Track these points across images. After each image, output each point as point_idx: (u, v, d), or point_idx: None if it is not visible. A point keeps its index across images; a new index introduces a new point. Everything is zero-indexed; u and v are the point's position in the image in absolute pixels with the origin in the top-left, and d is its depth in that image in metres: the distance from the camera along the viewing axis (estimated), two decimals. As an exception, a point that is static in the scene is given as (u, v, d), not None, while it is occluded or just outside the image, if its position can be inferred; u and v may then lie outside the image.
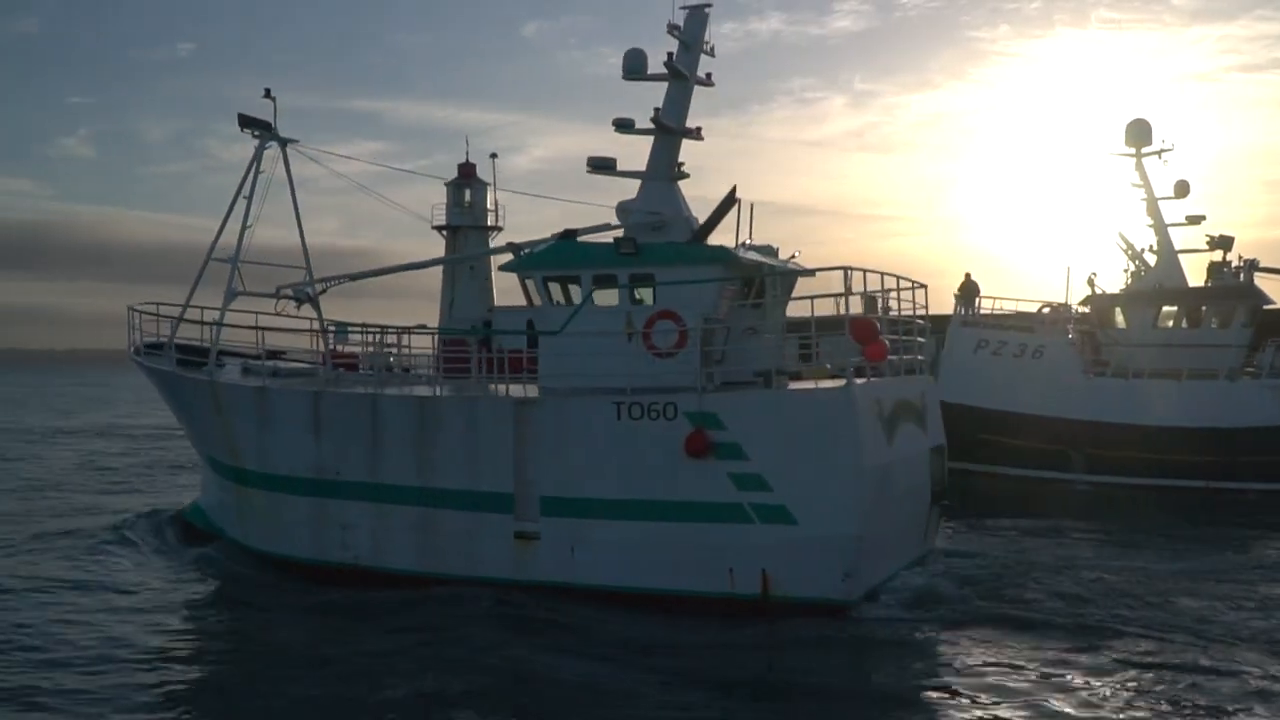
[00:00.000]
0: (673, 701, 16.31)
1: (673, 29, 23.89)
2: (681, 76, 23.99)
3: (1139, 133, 42.49)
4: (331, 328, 26.62)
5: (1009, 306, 43.53)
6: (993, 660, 17.87)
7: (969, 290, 43.16)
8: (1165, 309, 40.94)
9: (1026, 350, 40.46)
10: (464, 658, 18.21)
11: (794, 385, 21.49)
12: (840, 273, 21.61)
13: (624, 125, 24.62)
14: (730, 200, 22.98)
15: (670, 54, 23.80)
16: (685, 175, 24.54)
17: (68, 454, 54.79)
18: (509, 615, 20.34)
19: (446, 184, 59.04)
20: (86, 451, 56.17)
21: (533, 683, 17.18)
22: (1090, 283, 42.54)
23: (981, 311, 42.90)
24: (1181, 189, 42.26)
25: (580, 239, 23.89)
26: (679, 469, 20.40)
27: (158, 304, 27.48)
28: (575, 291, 22.80)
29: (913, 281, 23.78)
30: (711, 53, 24.69)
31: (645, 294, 22.40)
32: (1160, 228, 42.12)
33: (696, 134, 25.04)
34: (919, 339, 24.20)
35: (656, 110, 23.93)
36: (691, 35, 24.12)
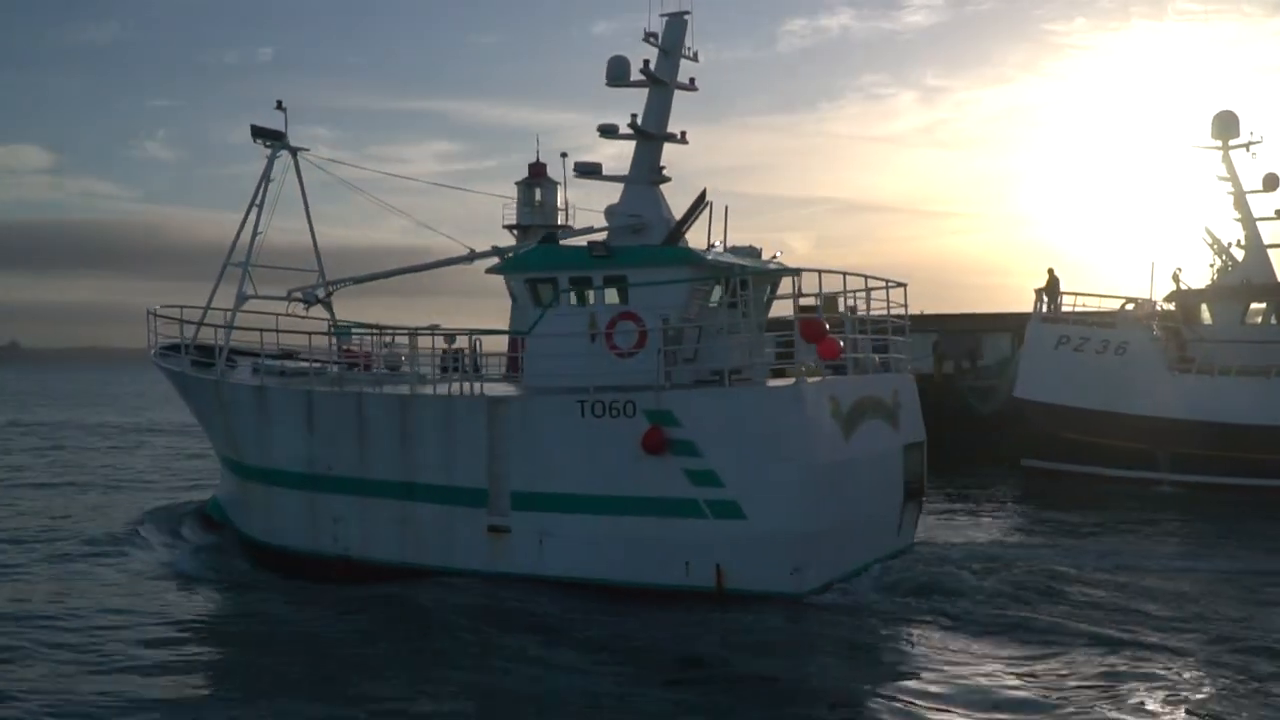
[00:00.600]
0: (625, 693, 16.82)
1: (649, 37, 24.52)
2: (661, 83, 24.61)
3: (1226, 125, 41.50)
4: (335, 329, 27.70)
5: (1091, 303, 42.71)
6: (939, 656, 18.04)
7: (1052, 286, 42.48)
8: (1253, 305, 40.08)
9: (1109, 347, 39.80)
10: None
11: (772, 384, 21.91)
12: (838, 273, 22.38)
13: (608, 131, 25.33)
14: (700, 202, 23.59)
15: (647, 61, 24.44)
16: (667, 179, 25.15)
17: (151, 451, 57.16)
18: (476, 607, 21.21)
19: (517, 183, 60.18)
20: (166, 448, 58.51)
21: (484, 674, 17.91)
22: (1175, 278, 41.79)
23: (1063, 308, 42.12)
24: (1270, 182, 41.29)
25: (562, 242, 24.69)
26: (638, 465, 21.04)
27: (181, 307, 28.78)
28: (564, 294, 23.58)
29: (886, 281, 24.12)
30: (695, 58, 25.29)
31: (619, 295, 23.12)
32: (1248, 221, 41.21)
33: (680, 138, 25.68)
34: (896, 338, 24.52)
35: (634, 116, 24.60)
36: (670, 42, 24.73)
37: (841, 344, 21.75)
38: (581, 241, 24.52)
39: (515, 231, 60.76)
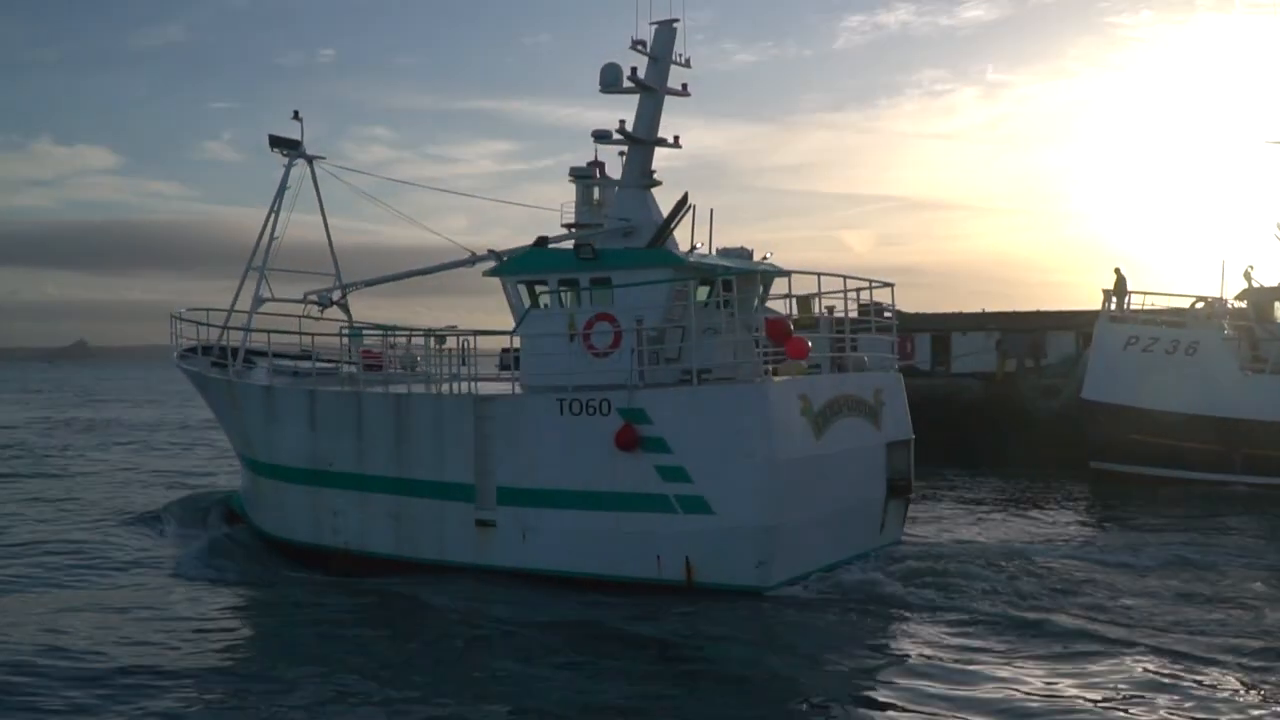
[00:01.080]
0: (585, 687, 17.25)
1: (637, 45, 25.15)
2: (650, 90, 25.26)
3: None
4: (345, 331, 28.72)
5: (1160, 303, 41.81)
6: (899, 646, 18.50)
7: (1119, 286, 41.83)
8: None
9: (1179, 346, 39.02)
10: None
11: (740, 382, 22.44)
12: (820, 274, 22.86)
13: (602, 136, 26.05)
14: (683, 205, 24.20)
15: (634, 68, 25.09)
16: (658, 183, 25.79)
17: (209, 449, 58.85)
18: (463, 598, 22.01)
19: (573, 181, 61.25)
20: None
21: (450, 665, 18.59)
22: (1247, 276, 40.87)
23: (1131, 307, 41.45)
24: None
25: (551, 245, 25.43)
26: (612, 461, 21.73)
27: (207, 310, 29.97)
28: (547, 295, 24.35)
29: (870, 281, 24.58)
30: (686, 64, 25.91)
31: (602, 295, 23.79)
32: None
33: (674, 143, 26.34)
34: (883, 337, 24.93)
35: (621, 122, 25.29)
36: (660, 50, 25.35)
37: (810, 344, 22.25)
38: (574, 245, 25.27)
39: (574, 230, 61.74)
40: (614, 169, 60.79)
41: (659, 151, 25.59)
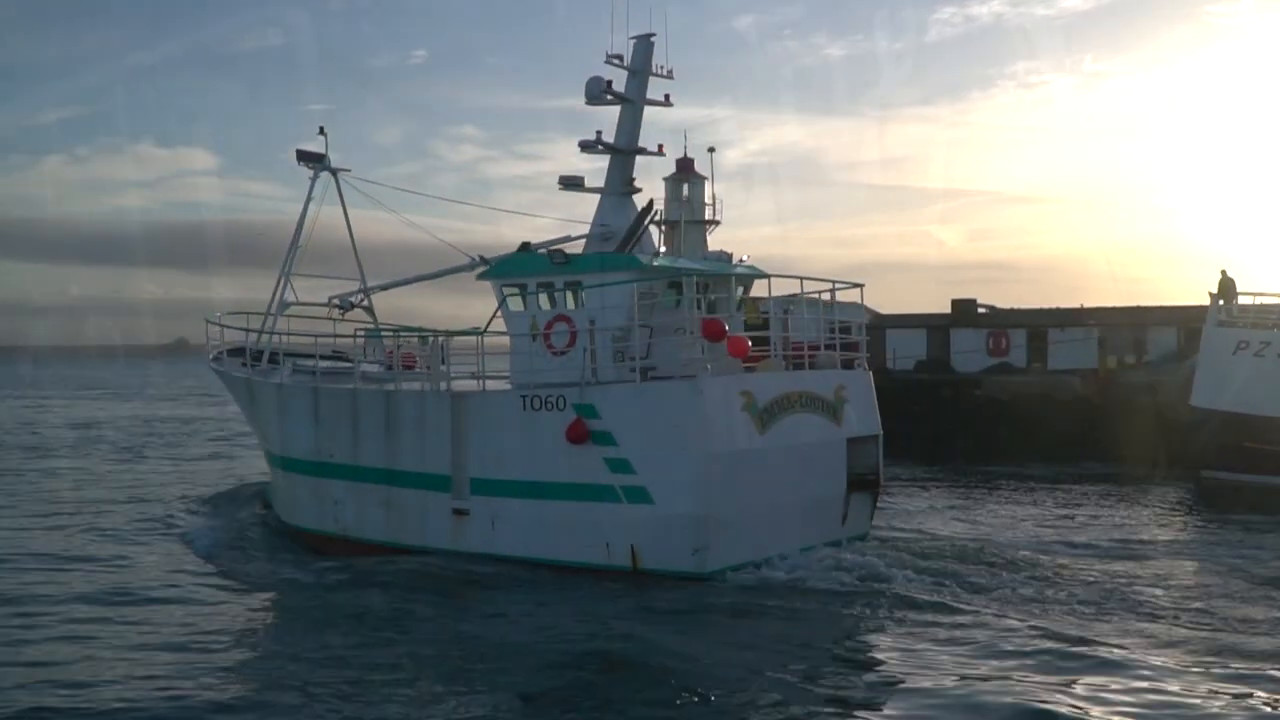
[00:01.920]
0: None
1: (612, 59, 26.43)
2: (629, 101, 26.56)
3: None
4: (361, 333, 30.63)
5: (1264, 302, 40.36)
6: (820, 635, 19.27)
7: (1226, 288, 40.75)
8: None
9: None
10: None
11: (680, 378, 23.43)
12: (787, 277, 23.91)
13: (588, 146, 27.44)
14: (647, 212, 25.48)
15: (609, 82, 26.37)
16: (637, 189, 27.10)
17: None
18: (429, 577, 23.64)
19: (665, 179, 62.73)
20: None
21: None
22: None
23: (1238, 309, 40.16)
24: None
25: (536, 250, 26.88)
26: (567, 454, 23.10)
27: (246, 314, 32.15)
28: (531, 298, 25.80)
29: (833, 282, 25.45)
30: (669, 75, 27.15)
31: (574, 298, 25.15)
32: None
33: (658, 151, 27.63)
34: (846, 336, 25.76)
35: (598, 134, 26.62)
36: (638, 63, 26.62)
37: (749, 343, 23.31)
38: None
39: (664, 227, 63.30)
40: (702, 165, 62.44)
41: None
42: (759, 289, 26.53)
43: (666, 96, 27.37)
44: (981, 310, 59.53)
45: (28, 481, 40.64)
